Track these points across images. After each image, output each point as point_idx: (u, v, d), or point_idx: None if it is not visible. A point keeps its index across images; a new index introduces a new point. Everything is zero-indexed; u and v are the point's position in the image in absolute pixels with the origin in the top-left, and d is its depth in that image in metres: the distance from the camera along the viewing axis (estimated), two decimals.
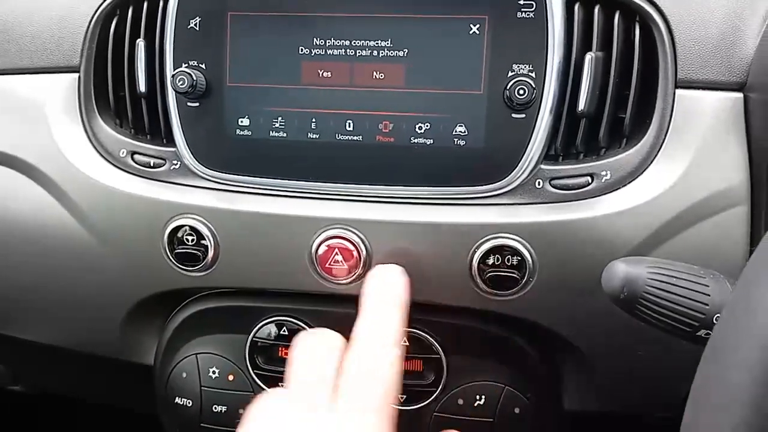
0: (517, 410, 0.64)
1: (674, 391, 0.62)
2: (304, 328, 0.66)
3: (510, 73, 0.58)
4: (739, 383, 0.28)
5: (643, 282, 0.42)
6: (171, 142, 0.65)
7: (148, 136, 0.68)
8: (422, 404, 0.65)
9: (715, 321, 0.41)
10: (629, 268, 0.43)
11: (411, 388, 0.65)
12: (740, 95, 0.57)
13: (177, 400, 0.70)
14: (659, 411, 0.65)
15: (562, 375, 0.66)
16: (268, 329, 0.67)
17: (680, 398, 0.62)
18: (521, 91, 0.57)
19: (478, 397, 0.64)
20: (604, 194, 0.58)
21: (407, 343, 0.65)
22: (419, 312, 0.64)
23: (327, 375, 0.47)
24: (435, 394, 0.65)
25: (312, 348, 0.50)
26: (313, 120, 0.62)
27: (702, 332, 0.43)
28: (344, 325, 0.66)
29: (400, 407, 0.66)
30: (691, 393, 0.33)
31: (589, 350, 0.63)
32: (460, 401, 0.65)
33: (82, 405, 1.31)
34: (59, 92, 0.69)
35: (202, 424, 0.70)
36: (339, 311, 0.65)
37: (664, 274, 0.42)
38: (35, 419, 1.30)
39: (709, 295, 0.42)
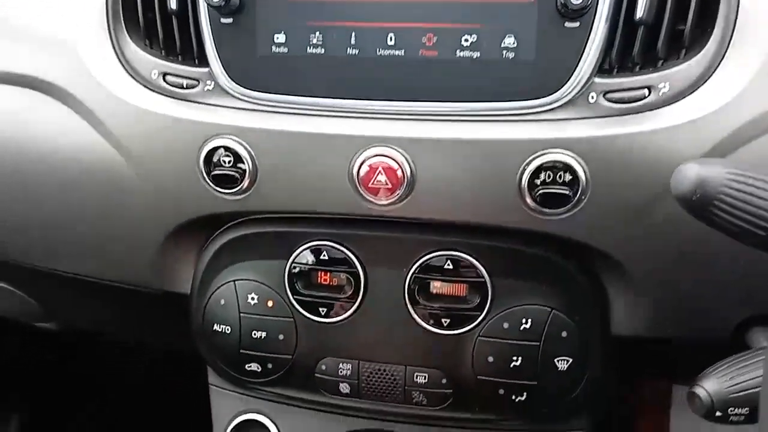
0: (564, 334, 0.63)
1: (726, 316, 0.61)
2: (344, 253, 0.65)
3: None
4: None
5: (720, 183, 0.40)
6: (204, 62, 0.63)
7: (180, 57, 0.65)
8: (466, 329, 0.64)
9: None
10: (704, 169, 0.41)
11: (454, 312, 0.64)
12: None
13: (215, 327, 0.69)
14: (709, 336, 0.63)
15: (610, 298, 0.64)
16: (307, 254, 0.66)
17: (733, 324, 0.61)
18: None
19: (524, 320, 0.63)
20: (662, 107, 0.56)
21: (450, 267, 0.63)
22: (461, 234, 0.63)
23: None
24: (479, 319, 0.64)
25: None
26: (353, 34, 0.59)
27: None
28: (384, 250, 0.65)
29: (443, 331, 0.65)
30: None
31: (639, 273, 0.61)
32: (506, 325, 0.63)
33: (112, 346, 1.33)
34: (87, 13, 0.66)
35: (241, 351, 0.69)
36: (380, 235, 0.64)
37: (743, 175, 0.40)
38: (68, 358, 1.32)
39: None
